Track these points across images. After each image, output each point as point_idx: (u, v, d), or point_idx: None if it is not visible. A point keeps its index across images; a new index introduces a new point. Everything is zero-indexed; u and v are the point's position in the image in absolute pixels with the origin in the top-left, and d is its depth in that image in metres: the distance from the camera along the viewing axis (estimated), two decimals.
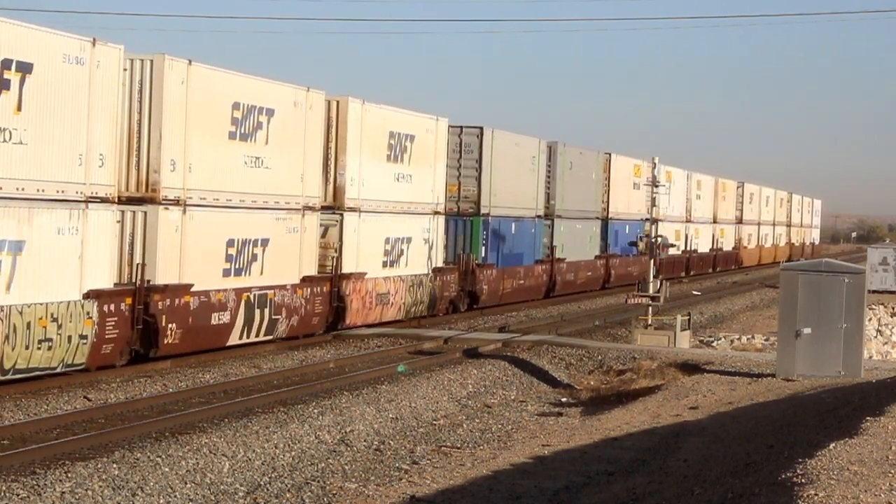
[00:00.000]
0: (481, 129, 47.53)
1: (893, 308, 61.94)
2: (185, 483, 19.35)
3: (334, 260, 36.71)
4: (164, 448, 20.47)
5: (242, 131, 31.90)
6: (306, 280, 35.02)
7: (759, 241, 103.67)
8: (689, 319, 39.50)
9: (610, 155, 63.93)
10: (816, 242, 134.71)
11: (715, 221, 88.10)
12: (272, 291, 33.24)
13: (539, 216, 53.77)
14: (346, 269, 37.14)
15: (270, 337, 33.54)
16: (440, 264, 43.92)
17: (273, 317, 33.34)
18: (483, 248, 47.63)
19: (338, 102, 37.21)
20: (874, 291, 65.31)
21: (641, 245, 45.93)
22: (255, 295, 32.41)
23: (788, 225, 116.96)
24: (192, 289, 29.84)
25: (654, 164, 44.74)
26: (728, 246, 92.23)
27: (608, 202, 63.63)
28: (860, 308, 30.02)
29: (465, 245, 46.89)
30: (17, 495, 17.16)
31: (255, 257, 32.63)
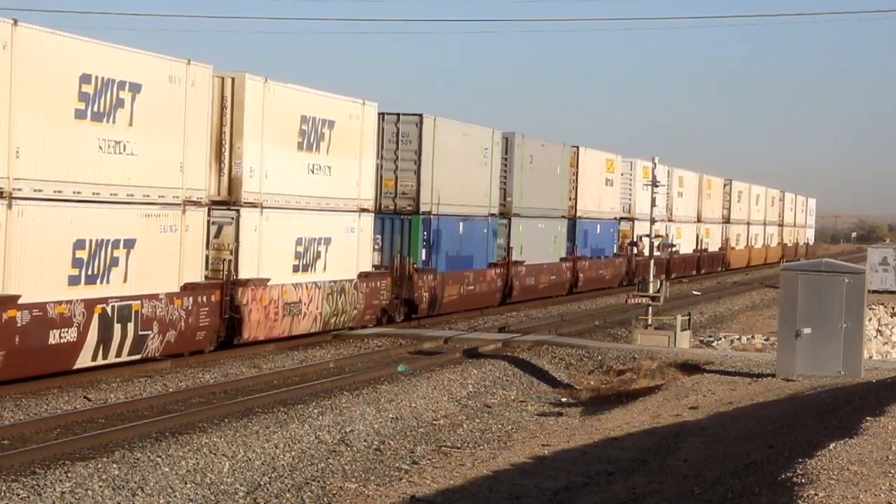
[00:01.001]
0: (421, 116, 42.08)
1: (893, 308, 61.99)
2: (185, 483, 19.35)
3: (227, 263, 31.26)
4: (164, 448, 20.46)
5: (95, 109, 26.21)
6: (188, 288, 29.58)
7: (749, 241, 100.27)
8: (689, 319, 39.53)
9: (578, 148, 58.93)
10: (811, 243, 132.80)
11: (699, 220, 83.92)
12: (138, 302, 27.69)
13: (493, 214, 48.43)
14: (243, 274, 31.78)
15: (138, 356, 28.14)
16: (369, 269, 38.76)
17: (140, 332, 27.82)
18: (423, 251, 42.28)
19: (233, 80, 31.72)
20: (874, 291, 65.36)
21: (642, 245, 46.02)
22: (113, 307, 26.87)
23: (780, 224, 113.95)
24: (20, 301, 24.14)
25: (654, 163, 44.65)
26: (714, 246, 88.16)
27: (576, 200, 58.69)
28: (860, 308, 30.04)
29: (402, 247, 41.47)
30: (17, 495, 17.16)
31: (115, 262, 27.08)
